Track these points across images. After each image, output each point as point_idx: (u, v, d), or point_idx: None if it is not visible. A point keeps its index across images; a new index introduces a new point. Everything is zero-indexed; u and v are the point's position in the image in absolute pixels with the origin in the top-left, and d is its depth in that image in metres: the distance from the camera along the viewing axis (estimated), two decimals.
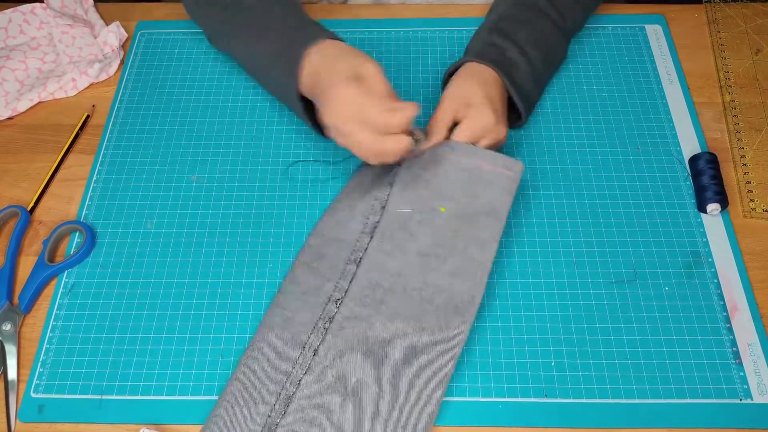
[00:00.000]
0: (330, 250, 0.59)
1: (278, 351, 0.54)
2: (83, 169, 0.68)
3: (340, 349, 0.53)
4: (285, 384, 0.52)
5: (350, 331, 0.54)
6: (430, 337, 0.53)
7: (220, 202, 0.65)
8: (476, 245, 0.56)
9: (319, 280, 0.57)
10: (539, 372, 0.55)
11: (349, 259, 0.57)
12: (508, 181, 0.58)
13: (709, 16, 0.79)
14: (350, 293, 0.56)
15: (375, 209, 0.59)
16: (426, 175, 0.59)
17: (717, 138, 0.68)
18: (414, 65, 0.74)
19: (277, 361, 0.53)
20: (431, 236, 0.57)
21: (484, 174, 0.58)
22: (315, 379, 0.52)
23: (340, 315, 0.55)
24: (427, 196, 0.58)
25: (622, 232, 0.62)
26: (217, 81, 0.74)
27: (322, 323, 0.55)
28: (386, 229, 0.58)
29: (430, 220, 0.58)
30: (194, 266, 0.61)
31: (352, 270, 0.57)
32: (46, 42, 0.76)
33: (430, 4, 0.80)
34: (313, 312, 0.55)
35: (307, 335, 0.54)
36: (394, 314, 0.54)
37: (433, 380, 0.51)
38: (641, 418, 0.52)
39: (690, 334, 0.56)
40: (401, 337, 0.53)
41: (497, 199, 0.57)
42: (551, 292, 0.59)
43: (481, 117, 0.59)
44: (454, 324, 0.53)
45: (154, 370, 0.56)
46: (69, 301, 0.59)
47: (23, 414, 0.54)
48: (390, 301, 0.55)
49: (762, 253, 0.61)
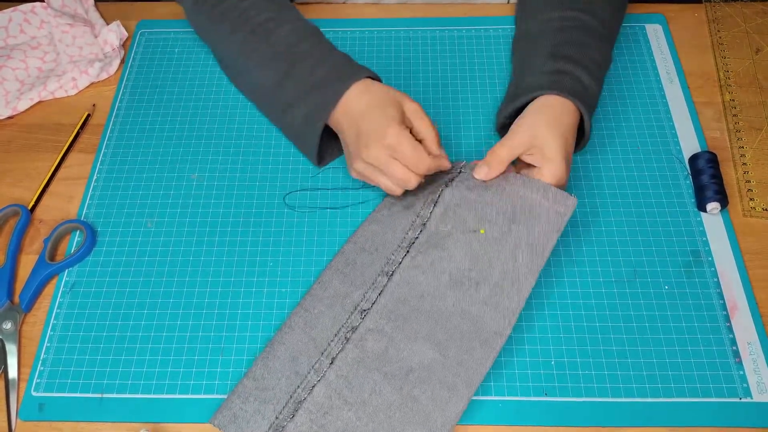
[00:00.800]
0: (363, 260, 0.58)
1: (296, 353, 0.53)
2: (83, 168, 0.68)
3: (357, 361, 0.52)
4: (298, 388, 0.52)
5: (370, 345, 0.53)
6: (450, 364, 0.51)
7: (220, 201, 0.65)
8: (512, 278, 0.53)
9: (348, 287, 0.57)
10: (539, 371, 0.55)
11: (381, 271, 0.57)
12: (556, 217, 0.55)
13: (709, 16, 0.79)
14: (377, 305, 0.55)
15: (415, 225, 0.59)
16: (471, 196, 0.58)
17: (717, 137, 0.68)
18: (414, 65, 0.75)
19: (294, 364, 0.53)
20: (467, 259, 0.55)
21: (534, 206, 0.55)
22: (328, 387, 0.52)
23: (364, 326, 0.54)
24: (470, 218, 0.57)
25: (622, 231, 0.62)
26: (217, 80, 0.74)
27: (344, 332, 0.54)
28: (423, 246, 0.57)
29: (468, 242, 0.56)
30: (194, 265, 0.61)
31: (383, 282, 0.56)
32: (46, 41, 0.76)
33: (430, 4, 0.80)
34: (337, 319, 0.55)
35: (328, 342, 0.54)
36: (417, 334, 0.53)
37: (444, 410, 0.50)
38: (641, 417, 0.53)
39: (690, 333, 0.56)
40: (420, 359, 0.52)
41: (542, 234, 0.54)
42: (551, 291, 0.59)
43: (556, 174, 0.56)
44: (477, 355, 0.51)
45: (155, 369, 0.56)
46: (69, 299, 0.59)
47: (24, 412, 0.54)
48: (415, 319, 0.54)
49: (762, 252, 0.61)
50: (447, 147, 0.67)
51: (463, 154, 0.67)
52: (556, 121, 0.57)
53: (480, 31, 0.77)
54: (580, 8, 0.65)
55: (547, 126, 0.57)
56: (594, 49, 0.64)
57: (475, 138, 0.68)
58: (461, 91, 0.72)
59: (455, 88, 0.72)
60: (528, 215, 0.55)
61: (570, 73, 0.61)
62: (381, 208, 0.62)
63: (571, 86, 0.60)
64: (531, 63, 0.65)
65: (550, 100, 0.59)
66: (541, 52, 0.64)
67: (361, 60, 0.74)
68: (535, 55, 0.65)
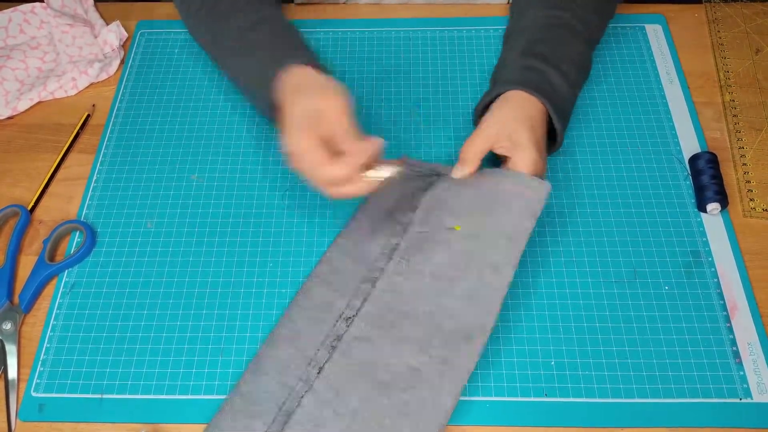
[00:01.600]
0: (347, 267, 0.58)
1: (283, 365, 0.53)
2: (83, 169, 0.68)
3: (345, 370, 0.52)
4: (287, 400, 0.51)
5: (357, 352, 0.53)
6: (436, 364, 0.51)
7: (220, 201, 0.65)
8: (491, 269, 0.53)
9: (332, 295, 0.56)
10: (539, 371, 0.55)
11: (365, 278, 0.56)
12: (529, 203, 0.54)
13: (709, 16, 0.79)
14: (362, 313, 0.55)
15: (397, 232, 0.58)
16: (448, 196, 0.58)
17: (717, 137, 0.68)
18: (414, 65, 0.75)
19: (281, 376, 0.53)
20: (446, 257, 0.55)
21: (506, 195, 0.55)
22: (317, 398, 0.51)
23: (349, 334, 0.54)
24: (446, 218, 0.57)
25: (622, 231, 0.62)
26: (217, 80, 0.74)
27: (330, 341, 0.54)
28: (404, 252, 0.57)
29: (446, 241, 0.56)
30: (194, 266, 0.61)
31: (366, 289, 0.56)
32: (46, 41, 0.76)
33: (431, 4, 0.80)
34: (321, 328, 0.54)
35: (314, 351, 0.53)
36: (403, 338, 0.52)
37: (433, 412, 0.49)
38: (641, 418, 0.53)
39: (690, 333, 0.56)
40: (407, 363, 0.51)
41: (517, 222, 0.54)
42: (551, 292, 0.59)
43: (527, 161, 0.56)
44: (462, 352, 0.51)
45: (154, 369, 0.56)
46: (69, 300, 0.59)
47: (23, 413, 0.54)
48: (401, 324, 0.53)
49: (762, 253, 0.61)
50: (445, 147, 0.68)
51: None
52: (521, 112, 0.58)
53: (480, 31, 0.77)
54: (563, 7, 0.66)
55: (513, 116, 0.58)
56: (570, 49, 0.64)
57: None
58: (461, 91, 0.72)
59: (455, 88, 0.72)
60: (501, 204, 0.55)
61: (539, 70, 0.62)
62: (359, 216, 0.62)
63: (538, 83, 0.60)
64: (508, 57, 0.66)
65: (516, 94, 0.60)
66: (517, 47, 0.65)
67: (361, 60, 0.75)
68: (512, 50, 0.66)
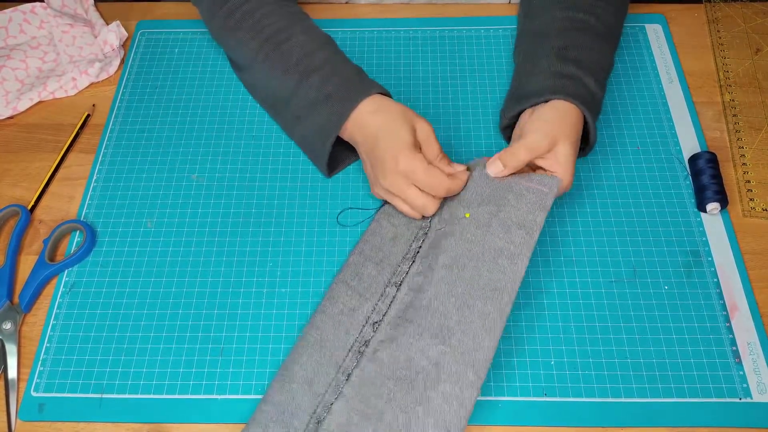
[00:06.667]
0: (370, 271, 0.58)
1: (312, 373, 0.53)
2: (83, 169, 0.68)
3: (372, 373, 0.52)
4: (317, 407, 0.52)
5: (382, 354, 0.53)
6: (456, 355, 0.50)
7: (220, 201, 0.65)
8: (505, 257, 0.53)
9: (357, 300, 0.56)
10: (539, 371, 0.55)
11: (389, 282, 0.57)
12: (540, 195, 0.55)
13: (709, 16, 0.79)
14: (388, 317, 0.55)
15: (419, 236, 0.59)
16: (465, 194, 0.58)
17: (717, 137, 0.68)
18: (414, 65, 0.75)
19: (311, 384, 0.53)
20: (460, 248, 0.55)
21: (520, 189, 0.56)
22: (347, 404, 0.51)
23: (376, 339, 0.54)
24: (459, 207, 0.57)
25: (621, 231, 0.62)
26: (217, 81, 0.74)
27: (357, 346, 0.54)
28: (425, 253, 0.57)
29: (461, 232, 0.56)
30: (194, 265, 0.61)
31: (392, 293, 0.56)
32: (46, 41, 0.76)
33: (431, 4, 0.80)
34: (349, 334, 0.55)
35: (342, 358, 0.54)
36: (422, 331, 0.52)
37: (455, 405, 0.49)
38: (641, 417, 0.53)
39: (690, 333, 0.56)
40: (427, 356, 0.51)
41: (528, 214, 0.55)
42: (551, 291, 0.59)
43: (566, 182, 0.57)
44: (481, 341, 0.51)
45: (154, 369, 0.56)
46: (69, 300, 0.59)
47: (23, 413, 0.54)
48: (419, 318, 0.53)
49: (762, 253, 0.61)
50: (447, 147, 0.68)
51: (464, 153, 0.67)
52: (570, 129, 0.58)
53: (480, 31, 0.77)
54: (586, 10, 0.65)
55: (563, 133, 0.57)
56: (599, 54, 0.64)
57: (476, 138, 0.68)
58: (461, 91, 0.72)
59: (455, 88, 0.72)
60: (514, 196, 0.56)
61: (577, 78, 0.61)
62: (380, 219, 0.62)
63: (579, 92, 0.60)
64: (537, 63, 0.64)
65: (563, 105, 0.59)
66: (547, 52, 0.64)
67: (361, 60, 0.75)
68: (541, 55, 0.64)
